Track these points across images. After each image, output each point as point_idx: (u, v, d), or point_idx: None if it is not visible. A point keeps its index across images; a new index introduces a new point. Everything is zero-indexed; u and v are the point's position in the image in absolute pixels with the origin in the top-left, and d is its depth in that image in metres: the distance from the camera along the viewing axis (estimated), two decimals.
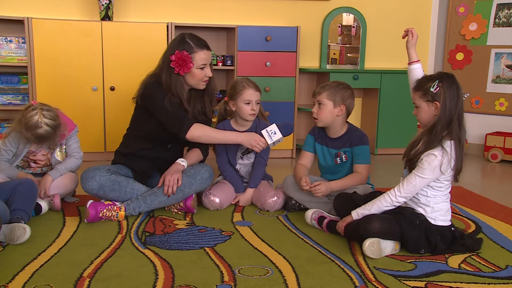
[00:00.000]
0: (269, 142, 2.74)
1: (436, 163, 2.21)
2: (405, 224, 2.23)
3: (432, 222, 2.27)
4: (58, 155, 2.88)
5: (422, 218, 2.27)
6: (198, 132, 2.71)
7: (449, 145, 2.22)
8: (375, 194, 2.47)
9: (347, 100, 2.76)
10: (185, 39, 2.73)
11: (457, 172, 2.26)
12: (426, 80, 2.30)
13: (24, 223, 2.37)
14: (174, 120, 2.69)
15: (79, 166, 2.93)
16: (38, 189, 2.65)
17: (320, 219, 2.58)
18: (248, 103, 2.89)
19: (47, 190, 2.74)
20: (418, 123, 2.41)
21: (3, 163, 2.80)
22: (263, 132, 2.75)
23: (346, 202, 2.50)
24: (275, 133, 2.74)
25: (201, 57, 2.72)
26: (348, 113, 2.81)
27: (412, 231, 2.23)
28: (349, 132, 2.82)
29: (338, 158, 2.81)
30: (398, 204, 2.29)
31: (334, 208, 2.59)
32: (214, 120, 3.04)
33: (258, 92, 2.92)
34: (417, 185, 2.25)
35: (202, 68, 2.73)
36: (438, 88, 2.23)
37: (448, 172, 2.24)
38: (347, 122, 2.85)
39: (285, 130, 2.77)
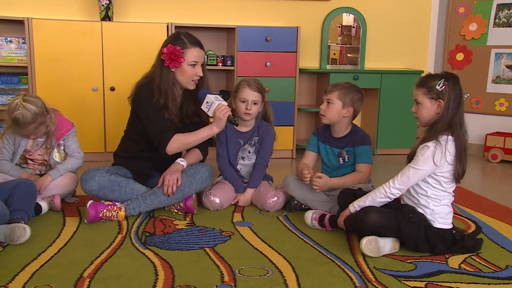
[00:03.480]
0: (217, 103, 2.63)
1: (429, 154, 2.21)
2: (403, 220, 2.24)
3: (432, 223, 2.28)
4: (56, 156, 2.87)
5: (421, 217, 2.28)
6: (175, 145, 2.70)
7: (444, 139, 2.23)
8: None
9: (356, 103, 2.79)
10: (179, 36, 2.74)
11: (458, 173, 2.26)
12: (431, 78, 2.30)
13: (24, 223, 2.37)
14: (154, 133, 2.70)
15: (81, 166, 2.93)
16: (37, 190, 2.64)
17: (322, 217, 2.58)
18: (243, 102, 2.89)
19: (42, 189, 2.73)
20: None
21: (5, 163, 2.80)
22: (204, 106, 2.67)
23: (349, 197, 2.50)
24: (214, 97, 2.66)
25: (193, 54, 2.71)
26: (354, 116, 2.83)
27: (410, 228, 2.24)
28: (352, 132, 2.84)
29: (341, 158, 2.82)
30: (392, 196, 2.30)
31: (338, 203, 2.60)
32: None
33: (256, 92, 2.91)
34: (411, 176, 2.25)
35: (193, 66, 2.73)
36: (444, 87, 2.23)
37: (443, 167, 2.23)
38: (351, 123, 2.87)
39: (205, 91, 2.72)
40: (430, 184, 2.28)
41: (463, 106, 2.27)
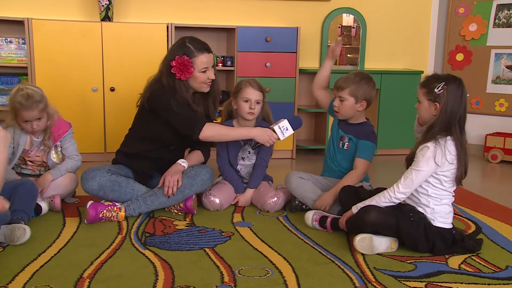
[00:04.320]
0: (281, 138, 2.76)
1: (430, 154, 2.22)
2: (402, 219, 2.24)
3: (432, 222, 2.28)
4: (54, 157, 2.87)
5: (421, 216, 2.28)
6: (211, 131, 2.72)
7: (443, 139, 2.23)
8: (381, 190, 2.47)
9: (369, 94, 2.78)
10: (185, 43, 2.72)
11: (459, 175, 2.26)
12: (434, 79, 2.30)
13: (24, 224, 2.37)
14: (185, 122, 2.70)
15: (79, 167, 2.93)
16: (38, 190, 2.64)
17: (322, 219, 2.58)
18: (246, 101, 2.89)
19: (45, 189, 2.73)
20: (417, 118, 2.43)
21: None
22: (276, 128, 2.75)
23: (351, 195, 2.50)
24: (287, 129, 2.76)
25: (202, 60, 2.71)
26: (369, 105, 2.83)
27: (409, 226, 2.24)
28: (363, 125, 2.86)
29: (341, 142, 2.84)
30: (397, 201, 2.30)
31: (339, 201, 2.60)
32: (216, 121, 3.03)
33: (258, 92, 2.91)
34: (414, 179, 2.25)
35: (204, 71, 2.73)
36: (442, 90, 2.23)
37: (444, 166, 2.24)
38: (366, 118, 2.89)
39: (296, 125, 2.79)
40: (431, 183, 2.28)
41: (464, 110, 2.26)
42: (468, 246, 2.31)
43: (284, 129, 2.75)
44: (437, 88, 2.24)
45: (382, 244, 2.26)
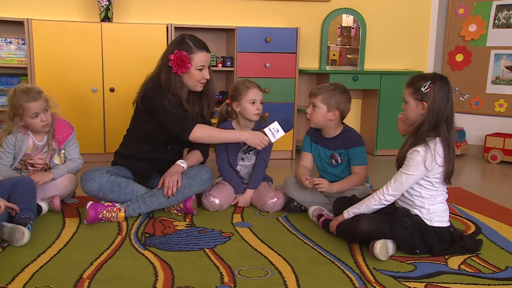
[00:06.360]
0: (272, 140, 2.76)
1: (420, 159, 2.21)
2: (395, 225, 2.23)
3: (428, 223, 2.27)
4: (56, 159, 2.87)
5: (415, 219, 2.27)
6: (201, 133, 2.72)
7: (433, 142, 2.23)
8: None
9: (342, 105, 2.75)
10: (185, 40, 2.73)
11: (447, 174, 2.26)
12: (419, 78, 2.31)
13: (32, 222, 2.38)
14: (176, 122, 2.69)
15: (79, 170, 2.94)
16: (36, 185, 2.62)
17: (319, 217, 2.61)
18: (253, 103, 2.89)
19: (42, 182, 2.71)
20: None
21: (2, 166, 2.79)
22: (266, 130, 2.75)
23: (345, 205, 2.50)
24: (277, 131, 2.75)
25: (200, 58, 2.72)
26: (342, 117, 2.80)
27: (403, 232, 2.23)
28: (344, 133, 2.82)
29: (333, 160, 2.81)
30: (386, 203, 2.30)
31: (333, 211, 2.60)
32: (213, 121, 3.04)
33: (261, 92, 2.93)
34: (404, 182, 2.25)
35: (200, 70, 2.74)
36: (428, 89, 2.23)
37: (435, 169, 2.23)
38: (342, 123, 2.85)
39: (287, 126, 2.78)
40: (422, 186, 2.28)
41: (451, 108, 2.25)
42: (468, 246, 2.31)
43: (274, 131, 2.75)
44: (424, 87, 2.24)
45: (390, 247, 2.26)
